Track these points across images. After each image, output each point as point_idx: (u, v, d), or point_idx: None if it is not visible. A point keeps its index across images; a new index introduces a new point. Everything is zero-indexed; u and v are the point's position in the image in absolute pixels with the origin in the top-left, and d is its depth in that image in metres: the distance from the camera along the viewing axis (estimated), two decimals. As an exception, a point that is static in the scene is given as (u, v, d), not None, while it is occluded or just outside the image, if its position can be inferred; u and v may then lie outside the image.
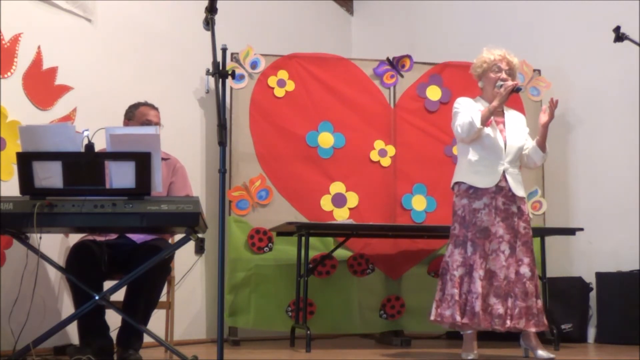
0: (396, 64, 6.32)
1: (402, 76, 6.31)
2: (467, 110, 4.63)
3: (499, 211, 4.59)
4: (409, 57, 6.33)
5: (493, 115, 4.67)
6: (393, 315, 6.05)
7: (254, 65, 6.07)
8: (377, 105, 6.28)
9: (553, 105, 4.63)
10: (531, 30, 6.78)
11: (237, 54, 6.01)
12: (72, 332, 4.55)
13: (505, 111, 4.80)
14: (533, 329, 4.53)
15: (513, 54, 4.80)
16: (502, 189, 4.61)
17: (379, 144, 6.19)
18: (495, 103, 4.59)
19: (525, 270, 4.55)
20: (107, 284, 4.15)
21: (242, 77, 6.01)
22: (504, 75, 4.68)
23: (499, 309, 4.47)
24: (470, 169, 4.67)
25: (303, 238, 5.43)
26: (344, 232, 5.66)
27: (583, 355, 5.22)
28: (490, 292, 4.50)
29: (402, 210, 6.16)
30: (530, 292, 4.53)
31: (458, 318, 4.45)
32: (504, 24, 6.93)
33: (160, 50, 5.88)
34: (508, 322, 4.47)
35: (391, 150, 6.19)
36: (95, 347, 4.03)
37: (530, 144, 4.81)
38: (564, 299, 6.09)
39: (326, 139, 6.11)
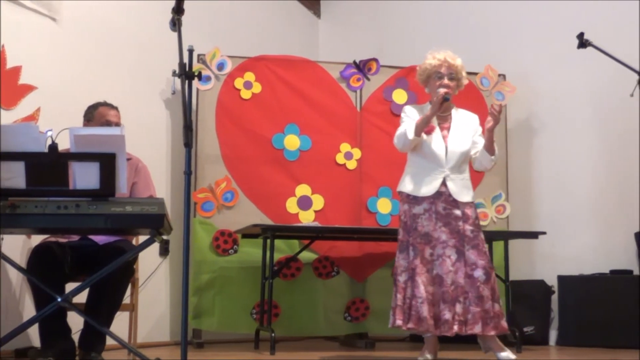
0: (363, 67, 6.34)
1: (368, 79, 6.33)
2: (410, 120, 4.62)
3: (440, 216, 4.54)
4: (375, 60, 6.35)
5: (438, 121, 4.65)
6: (357, 318, 6.06)
7: (220, 66, 6.05)
8: (344, 108, 6.29)
9: (495, 110, 4.54)
10: (497, 35, 6.84)
11: (204, 55, 6.00)
12: (34, 335, 4.51)
13: (453, 114, 4.74)
14: (492, 333, 4.45)
15: (456, 56, 4.72)
16: (441, 194, 4.56)
17: (344, 147, 6.20)
18: (428, 113, 4.53)
19: (479, 274, 4.46)
20: (70, 286, 4.12)
21: (208, 78, 5.99)
22: (445, 81, 4.63)
23: (446, 314, 4.40)
24: (411, 177, 4.66)
25: (268, 240, 5.43)
26: (309, 235, 5.67)
27: (545, 357, 5.27)
28: (439, 297, 4.46)
29: (367, 213, 6.17)
30: (485, 296, 4.45)
31: (399, 322, 4.43)
32: (470, 29, 6.99)
33: (126, 51, 5.84)
34: (456, 327, 4.39)
35: (357, 153, 6.21)
36: (57, 350, 4.00)
37: (481, 145, 4.70)
38: (526, 301, 6.15)
39: (292, 142, 6.11)
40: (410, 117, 4.66)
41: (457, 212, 4.56)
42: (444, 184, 4.58)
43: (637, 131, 6.03)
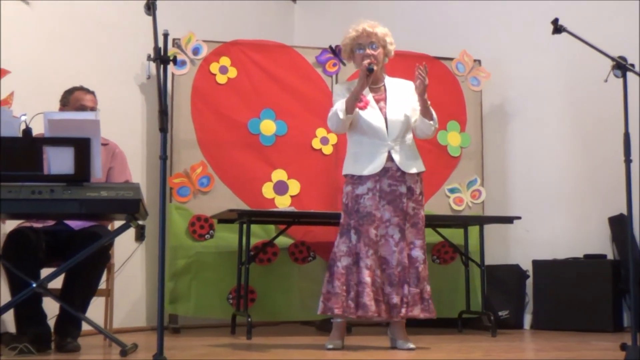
0: (338, 52, 6.32)
1: (344, 64, 6.31)
2: (340, 100, 4.46)
3: (384, 194, 4.40)
4: (351, 45, 6.34)
5: (372, 94, 4.53)
6: (334, 303, 6.07)
7: (195, 51, 6.02)
8: (319, 93, 6.28)
9: (421, 72, 4.35)
10: (472, 20, 6.85)
11: (179, 39, 5.96)
12: (9, 320, 4.48)
13: (387, 84, 4.62)
14: (421, 316, 4.37)
15: (378, 23, 4.56)
16: (388, 170, 4.41)
17: (320, 132, 6.19)
18: (357, 87, 4.37)
19: (418, 253, 4.38)
20: (45, 272, 4.10)
21: (183, 63, 5.96)
22: (367, 51, 4.48)
23: (394, 298, 4.30)
24: (354, 158, 4.52)
25: (244, 225, 5.42)
26: (285, 220, 5.67)
27: (519, 341, 5.32)
28: (385, 280, 4.34)
29: (343, 198, 6.18)
30: (422, 277, 4.38)
31: (337, 311, 4.31)
32: (445, 14, 7.00)
33: (101, 35, 5.80)
34: (404, 310, 4.30)
35: (333, 138, 6.20)
36: (32, 336, 3.99)
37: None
38: (501, 286, 6.20)
39: (268, 127, 6.10)
40: (340, 96, 4.50)
41: (403, 188, 4.42)
42: (389, 158, 4.43)
43: (611, 116, 6.06)
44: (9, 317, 4.31)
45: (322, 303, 4.43)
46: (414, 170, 4.48)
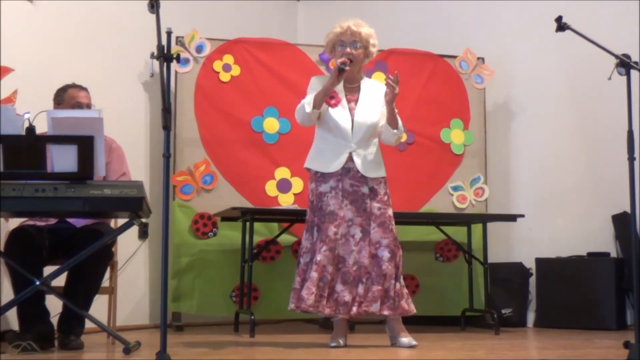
0: (342, 50, 6.32)
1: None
2: (313, 93, 4.45)
3: (346, 193, 4.41)
4: (354, 43, 6.33)
5: (346, 93, 4.52)
6: (337, 301, 6.07)
7: (199, 49, 6.02)
8: (323, 91, 6.27)
9: (391, 81, 4.34)
10: (476, 18, 6.83)
11: (182, 37, 5.96)
12: (12, 318, 4.49)
13: (362, 86, 4.60)
14: (386, 313, 4.36)
15: (365, 23, 4.59)
16: (349, 171, 4.43)
17: (324, 130, 6.19)
18: (327, 83, 4.37)
19: (383, 252, 4.36)
20: (48, 269, 4.11)
21: (187, 61, 5.96)
22: (347, 49, 4.48)
23: (345, 296, 4.31)
24: (316, 153, 4.54)
25: (247, 223, 5.43)
26: (288, 218, 5.67)
27: (522, 339, 5.31)
28: (337, 278, 4.35)
29: (346, 196, 6.18)
30: (388, 274, 4.35)
31: (292, 306, 4.36)
32: (448, 11, 6.98)
33: (104, 33, 5.80)
34: (354, 308, 4.31)
35: (336, 136, 6.20)
36: (36, 333, 4.00)
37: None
38: (504, 284, 6.20)
39: (271, 124, 6.10)
40: (313, 90, 4.48)
41: (365, 189, 4.44)
42: (350, 159, 4.44)
43: (614, 114, 6.06)
44: (12, 314, 4.32)
45: (291, 299, 4.45)
46: (374, 175, 4.48)
